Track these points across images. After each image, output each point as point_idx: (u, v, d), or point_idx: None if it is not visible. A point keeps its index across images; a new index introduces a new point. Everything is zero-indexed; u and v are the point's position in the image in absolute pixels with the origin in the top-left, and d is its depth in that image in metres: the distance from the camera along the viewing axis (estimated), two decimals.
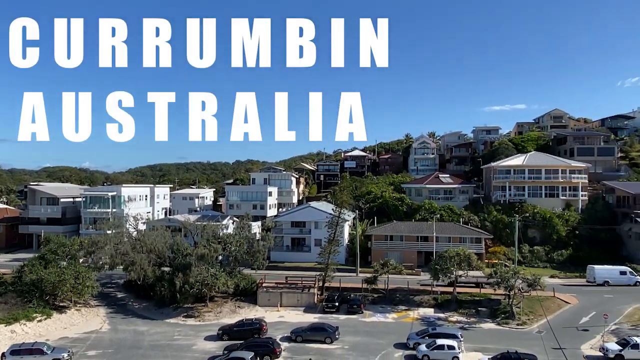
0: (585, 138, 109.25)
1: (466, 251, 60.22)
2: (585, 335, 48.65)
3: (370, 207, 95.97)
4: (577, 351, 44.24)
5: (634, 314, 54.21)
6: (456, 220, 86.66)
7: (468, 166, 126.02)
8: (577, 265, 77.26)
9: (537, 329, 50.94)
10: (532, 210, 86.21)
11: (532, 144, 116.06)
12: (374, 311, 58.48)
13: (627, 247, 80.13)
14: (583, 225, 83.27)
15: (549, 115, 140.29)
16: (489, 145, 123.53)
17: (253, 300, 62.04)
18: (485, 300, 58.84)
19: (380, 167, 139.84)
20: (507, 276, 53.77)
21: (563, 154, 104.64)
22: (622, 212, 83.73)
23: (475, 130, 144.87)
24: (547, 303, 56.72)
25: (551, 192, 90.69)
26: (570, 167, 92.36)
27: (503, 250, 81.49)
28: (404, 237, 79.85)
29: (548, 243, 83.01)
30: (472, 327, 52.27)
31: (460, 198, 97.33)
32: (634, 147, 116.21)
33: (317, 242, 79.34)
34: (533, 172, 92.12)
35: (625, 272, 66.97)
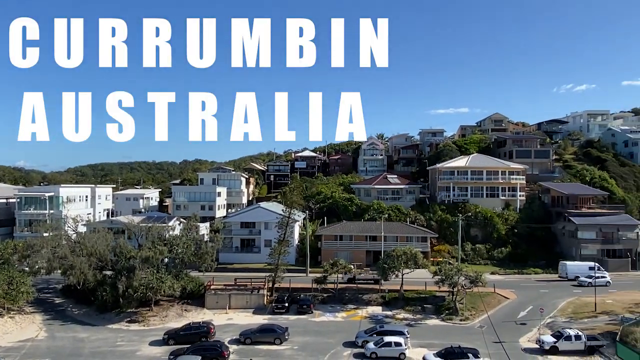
0: (523, 141, 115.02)
1: (413, 250, 61.90)
2: (523, 328, 51.24)
3: (321, 208, 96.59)
4: (516, 344, 46.53)
5: (567, 308, 57.67)
6: (403, 220, 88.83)
7: (415, 167, 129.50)
8: (515, 262, 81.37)
9: (478, 324, 53.09)
10: (474, 209, 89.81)
11: (474, 146, 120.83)
12: (323, 311, 58.88)
13: (560, 244, 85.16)
14: (521, 224, 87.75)
15: (490, 119, 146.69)
16: (435, 147, 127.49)
17: (201, 303, 60.82)
18: (430, 297, 60.70)
19: (331, 168, 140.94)
20: (451, 274, 55.77)
21: (503, 156, 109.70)
22: (557, 211, 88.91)
23: (421, 132, 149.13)
24: (488, 299, 59.33)
25: (492, 193, 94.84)
26: (509, 169, 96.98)
27: (447, 248, 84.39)
28: (353, 237, 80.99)
29: (489, 241, 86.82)
30: (418, 324, 53.78)
31: (408, 198, 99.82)
32: (567, 150, 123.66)
33: (267, 243, 78.92)
34: (475, 174, 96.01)
35: (593, 267, 70.36)
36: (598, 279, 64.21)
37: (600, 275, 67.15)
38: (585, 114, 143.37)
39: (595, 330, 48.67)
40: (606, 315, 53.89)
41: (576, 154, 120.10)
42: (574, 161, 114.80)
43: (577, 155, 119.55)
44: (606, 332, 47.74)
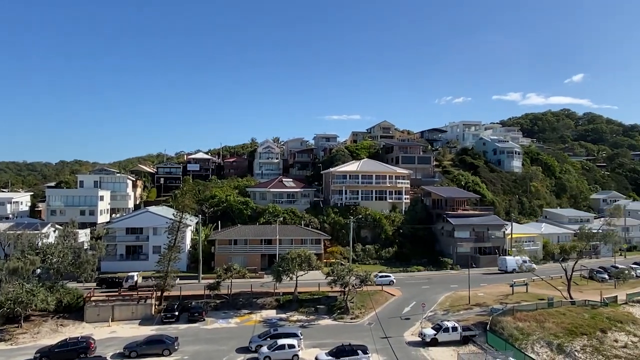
0: (408, 148, 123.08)
1: (307, 252, 62.84)
2: (407, 323, 54.56)
3: (215, 212, 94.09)
4: (401, 338, 49.44)
5: (445, 302, 62.65)
6: (298, 223, 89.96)
7: (309, 171, 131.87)
8: (401, 261, 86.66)
9: (367, 321, 55.45)
10: (364, 212, 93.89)
11: (365, 152, 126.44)
12: (216, 317, 57.33)
13: (440, 243, 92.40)
14: (406, 225, 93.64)
15: (379, 126, 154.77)
16: (329, 151, 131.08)
17: (80, 316, 55.76)
18: (323, 298, 62.13)
19: (225, 171, 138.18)
20: (343, 274, 57.63)
21: (390, 162, 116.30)
22: (437, 213, 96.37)
23: (316, 137, 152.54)
24: (376, 297, 62.39)
25: (380, 196, 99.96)
26: (396, 174, 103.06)
27: (340, 249, 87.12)
28: (249, 241, 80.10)
29: (378, 242, 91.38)
30: (312, 325, 54.71)
31: (302, 201, 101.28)
32: (446, 156, 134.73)
33: (156, 250, 74.89)
34: (366, 178, 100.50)
35: (526, 261, 77.13)
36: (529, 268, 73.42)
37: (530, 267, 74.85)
38: (461, 124, 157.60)
39: (469, 321, 53.47)
40: (478, 307, 59.42)
41: (453, 161, 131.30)
42: (451, 167, 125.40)
43: (454, 161, 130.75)
44: (478, 323, 52.60)
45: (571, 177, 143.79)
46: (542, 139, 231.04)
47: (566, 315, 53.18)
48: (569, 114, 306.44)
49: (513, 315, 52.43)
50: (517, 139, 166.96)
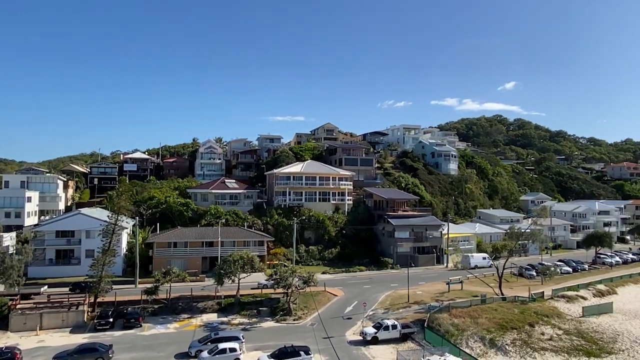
0: (351, 150, 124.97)
1: (249, 254, 62.14)
2: (349, 322, 55.32)
3: (153, 213, 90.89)
4: (343, 338, 50.04)
5: (386, 301, 64.14)
6: (241, 225, 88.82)
7: (253, 172, 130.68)
8: (344, 261, 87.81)
9: (310, 322, 55.69)
10: (308, 213, 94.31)
11: (308, 153, 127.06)
12: (154, 323, 55.32)
13: (381, 243, 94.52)
14: (349, 226, 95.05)
15: (323, 128, 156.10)
16: (272, 152, 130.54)
17: (4, 325, 51.93)
18: (266, 300, 61.71)
19: (165, 171, 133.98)
20: (286, 275, 57.53)
21: (334, 163, 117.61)
22: (378, 213, 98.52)
23: (260, 138, 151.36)
24: (319, 297, 62.82)
25: (324, 197, 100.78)
26: (339, 175, 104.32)
27: (283, 251, 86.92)
28: (189, 243, 78.04)
29: (321, 242, 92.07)
30: (254, 327, 54.15)
31: (246, 203, 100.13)
32: (387, 159, 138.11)
33: (89, 253, 71.33)
34: (309, 179, 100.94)
35: (485, 257, 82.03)
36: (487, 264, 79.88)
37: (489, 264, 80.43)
38: (401, 128, 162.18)
39: (408, 318, 55.08)
40: (417, 305, 61.33)
41: (394, 163, 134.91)
42: (392, 169, 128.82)
43: (395, 163, 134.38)
44: (417, 320, 54.29)
45: (503, 179, 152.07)
46: (477, 143, 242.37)
47: (498, 311, 56.10)
48: (501, 119, 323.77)
49: (449, 312, 54.60)
50: (453, 142, 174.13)
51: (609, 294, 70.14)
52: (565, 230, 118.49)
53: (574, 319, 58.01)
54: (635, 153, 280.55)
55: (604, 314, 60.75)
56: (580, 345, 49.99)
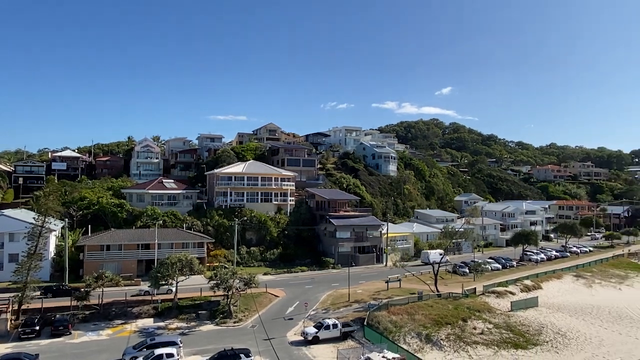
0: (294, 150, 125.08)
1: (188, 256, 60.49)
2: (291, 323, 55.29)
3: (84, 215, 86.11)
4: (284, 338, 49.94)
5: (327, 300, 64.71)
6: (179, 226, 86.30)
7: (193, 172, 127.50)
8: (285, 262, 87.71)
9: (251, 324, 55.10)
10: (250, 214, 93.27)
11: (251, 154, 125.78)
12: (85, 330, 52.51)
13: (323, 243, 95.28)
14: (291, 227, 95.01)
15: (266, 128, 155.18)
16: (213, 152, 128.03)
17: None
18: (205, 303, 60.34)
19: (98, 171, 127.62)
20: (226, 277, 56.53)
21: (276, 164, 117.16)
22: (320, 214, 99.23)
23: (200, 137, 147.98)
24: (260, 299, 62.33)
25: (266, 198, 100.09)
26: (281, 176, 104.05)
27: (224, 252, 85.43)
28: (123, 246, 74.73)
29: (263, 243, 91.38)
30: (193, 331, 52.80)
31: (185, 203, 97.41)
32: (329, 160, 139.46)
33: (13, 258, 66.52)
34: (251, 179, 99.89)
35: (442, 253, 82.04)
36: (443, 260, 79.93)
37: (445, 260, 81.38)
38: (343, 129, 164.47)
39: (349, 317, 55.89)
40: (357, 303, 62.38)
41: (336, 164, 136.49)
42: (334, 170, 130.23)
43: (337, 164, 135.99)
44: (357, 318, 55.18)
45: (439, 180, 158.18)
46: (415, 146, 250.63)
47: (433, 307, 58.22)
48: (437, 123, 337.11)
49: (388, 309, 55.99)
50: (393, 145, 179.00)
51: (534, 289, 74.72)
52: (495, 229, 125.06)
53: (503, 313, 61.33)
54: (559, 156, 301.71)
55: (530, 308, 64.67)
56: (509, 338, 52.92)
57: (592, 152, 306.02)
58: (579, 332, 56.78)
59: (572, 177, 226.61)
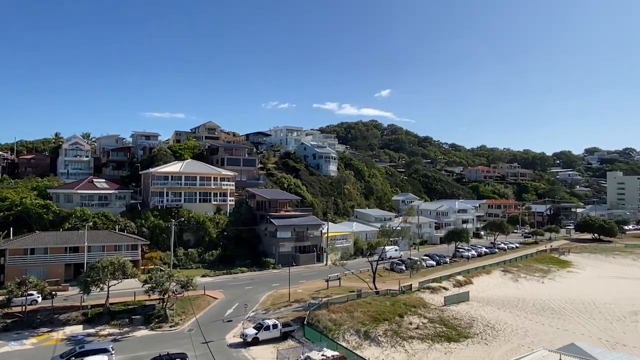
0: (234, 150, 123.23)
1: (121, 259, 57.91)
2: (230, 325, 54.42)
3: (5, 217, 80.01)
4: (223, 341, 49.10)
5: (267, 301, 64.33)
6: (112, 228, 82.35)
7: (126, 171, 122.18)
8: (224, 263, 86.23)
9: (188, 328, 53.66)
10: (187, 214, 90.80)
11: (188, 152, 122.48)
12: (6, 340, 48.84)
13: (263, 244, 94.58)
14: (230, 227, 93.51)
15: (204, 127, 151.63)
16: (149, 151, 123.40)
17: None
18: (139, 308, 58.04)
19: (21, 169, 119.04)
20: (162, 280, 54.71)
21: (215, 163, 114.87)
22: (261, 214, 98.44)
23: (134, 135, 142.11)
24: (198, 301, 60.86)
25: (205, 198, 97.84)
26: (221, 175, 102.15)
27: (159, 255, 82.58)
28: (50, 250, 70.15)
29: (201, 245, 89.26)
30: (126, 337, 50.62)
31: (117, 204, 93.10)
32: (270, 159, 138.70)
33: None
34: (189, 179, 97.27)
35: (396, 249, 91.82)
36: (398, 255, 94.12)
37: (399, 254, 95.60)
38: (284, 129, 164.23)
39: (289, 317, 55.88)
40: (297, 303, 62.49)
41: (277, 164, 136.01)
42: (275, 170, 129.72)
43: (278, 164, 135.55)
44: (297, 318, 55.28)
45: (377, 180, 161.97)
46: (355, 146, 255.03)
47: (372, 305, 59.52)
48: (376, 124, 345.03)
49: (327, 308, 56.57)
50: (333, 145, 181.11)
51: (466, 284, 78.33)
52: (430, 227, 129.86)
53: (437, 308, 63.83)
54: (489, 158, 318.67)
55: (462, 302, 67.72)
56: (443, 332, 55.14)
57: (519, 154, 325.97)
58: (506, 324, 60.15)
59: (500, 178, 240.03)
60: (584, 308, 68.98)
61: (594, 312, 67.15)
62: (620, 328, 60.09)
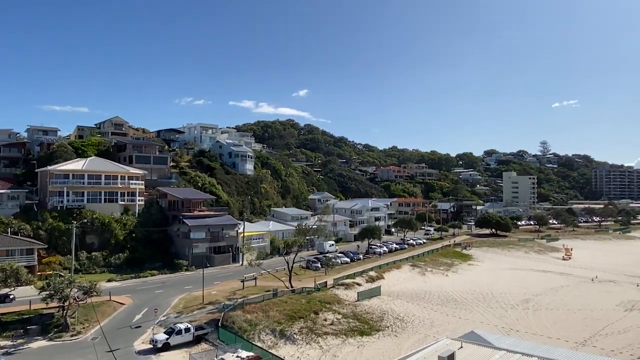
0: (144, 147, 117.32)
1: (14, 265, 52.91)
2: (138, 331, 51.71)
3: None
4: (131, 348, 46.55)
5: (179, 304, 62.05)
6: (3, 231, 74.72)
7: (20, 169, 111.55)
8: (133, 267, 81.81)
9: (92, 336, 50.22)
10: (91, 216, 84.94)
11: (93, 149, 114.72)
12: None
13: (176, 245, 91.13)
14: (139, 228, 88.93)
15: (111, 122, 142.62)
16: (47, 147, 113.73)
17: None
18: (35, 317, 53.23)
19: None
20: (62, 287, 50.64)
21: (123, 161, 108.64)
22: (173, 214, 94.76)
23: (30, 129, 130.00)
24: (103, 308, 57.20)
25: (111, 198, 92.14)
26: (129, 174, 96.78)
27: (59, 259, 76.47)
28: None
29: (107, 248, 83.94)
30: (20, 350, 46.21)
31: (9, 205, 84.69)
32: (183, 157, 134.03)
33: None
34: (93, 178, 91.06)
35: (333, 244, 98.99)
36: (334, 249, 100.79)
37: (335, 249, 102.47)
38: (199, 126, 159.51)
39: (203, 320, 54.37)
40: (212, 305, 60.95)
41: (191, 162, 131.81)
42: (188, 168, 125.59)
43: (192, 163, 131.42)
44: (211, 320, 53.93)
45: (294, 179, 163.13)
46: (272, 145, 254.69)
47: (287, 303, 59.75)
48: (293, 124, 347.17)
49: (243, 308, 55.85)
50: (250, 143, 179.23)
51: (378, 279, 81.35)
52: (345, 225, 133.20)
53: (351, 303, 65.64)
54: (399, 158, 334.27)
55: (375, 297, 70.24)
56: (356, 326, 56.81)
57: (426, 155, 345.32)
58: (414, 316, 63.41)
59: (409, 177, 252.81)
60: (482, 298, 74.67)
61: (492, 301, 72.95)
62: (514, 315, 65.86)
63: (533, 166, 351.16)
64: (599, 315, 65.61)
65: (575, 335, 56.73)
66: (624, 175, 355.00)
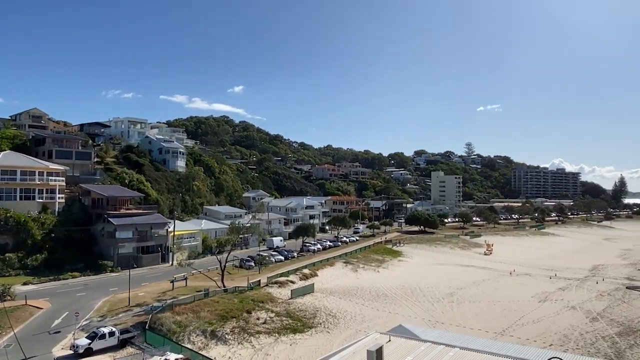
0: (65, 141, 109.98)
1: None
2: (58, 337, 48.61)
3: None
4: (49, 355, 43.68)
5: (103, 307, 59.00)
6: None
7: None
8: (52, 268, 76.70)
9: (5, 344, 46.48)
10: (4, 214, 78.55)
11: (7, 143, 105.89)
12: None
13: (100, 245, 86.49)
14: (60, 228, 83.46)
15: (28, 114, 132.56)
16: None
17: None
18: None
19: None
20: None
21: (41, 156, 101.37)
22: (97, 213, 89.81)
23: None
24: (17, 313, 53.22)
25: (27, 195, 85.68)
26: (48, 169, 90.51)
27: None
28: None
29: (23, 248, 78.01)
30: None
31: None
32: (109, 153, 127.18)
33: None
34: (7, 173, 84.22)
35: (281, 240, 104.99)
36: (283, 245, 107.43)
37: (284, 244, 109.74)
38: (126, 121, 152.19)
39: (128, 323, 52.10)
40: (139, 307, 58.48)
41: (117, 158, 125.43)
42: (115, 164, 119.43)
43: (118, 158, 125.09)
44: (138, 323, 51.83)
45: (228, 177, 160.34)
46: (205, 142, 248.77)
47: (219, 303, 58.73)
48: (228, 120, 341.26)
49: (172, 310, 54.19)
50: (182, 139, 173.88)
51: (312, 277, 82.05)
52: (280, 223, 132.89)
53: (284, 301, 65.72)
54: (334, 157, 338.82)
55: (308, 294, 70.80)
56: (289, 324, 56.96)
57: (360, 154, 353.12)
58: (346, 312, 64.64)
59: (344, 176, 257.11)
60: (411, 292, 77.61)
61: (420, 295, 76.03)
62: (440, 308, 69.08)
63: (459, 166, 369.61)
64: (516, 306, 70.42)
65: (495, 325, 60.53)
66: (539, 176, 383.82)
